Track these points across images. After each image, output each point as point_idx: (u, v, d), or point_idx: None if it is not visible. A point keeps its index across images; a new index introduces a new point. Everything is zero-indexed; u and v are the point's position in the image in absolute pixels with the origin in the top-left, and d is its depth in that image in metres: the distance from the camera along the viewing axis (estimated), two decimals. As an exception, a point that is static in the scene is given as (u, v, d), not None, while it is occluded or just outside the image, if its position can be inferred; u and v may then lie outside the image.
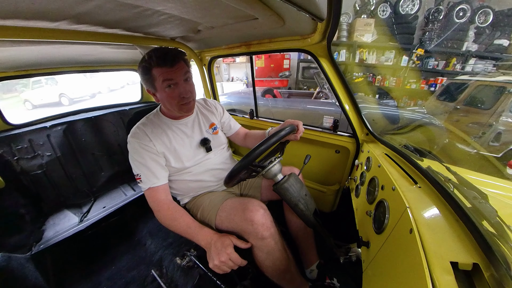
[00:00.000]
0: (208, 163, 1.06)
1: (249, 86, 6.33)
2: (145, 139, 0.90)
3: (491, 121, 2.59)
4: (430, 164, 0.73)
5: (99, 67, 1.71)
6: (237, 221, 0.84)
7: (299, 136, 0.96)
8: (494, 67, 3.92)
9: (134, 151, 0.89)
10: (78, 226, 1.41)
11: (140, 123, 0.95)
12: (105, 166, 1.83)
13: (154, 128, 0.94)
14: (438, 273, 0.38)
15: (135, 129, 0.93)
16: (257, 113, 1.78)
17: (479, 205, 0.48)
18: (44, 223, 1.47)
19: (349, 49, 4.68)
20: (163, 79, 0.83)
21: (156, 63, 0.81)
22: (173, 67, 0.83)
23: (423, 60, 4.46)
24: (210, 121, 1.13)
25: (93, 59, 1.49)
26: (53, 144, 1.53)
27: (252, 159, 0.73)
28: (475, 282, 0.39)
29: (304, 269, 1.14)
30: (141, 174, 0.88)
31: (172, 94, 0.86)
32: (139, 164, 0.89)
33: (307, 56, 1.13)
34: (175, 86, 0.85)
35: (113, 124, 1.83)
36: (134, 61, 1.82)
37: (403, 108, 4.01)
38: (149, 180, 0.88)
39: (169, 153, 0.94)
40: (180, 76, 0.85)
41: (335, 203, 1.47)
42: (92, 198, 1.72)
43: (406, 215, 0.52)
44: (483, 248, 0.40)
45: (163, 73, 0.82)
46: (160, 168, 0.92)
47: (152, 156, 0.90)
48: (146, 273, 1.31)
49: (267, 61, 5.80)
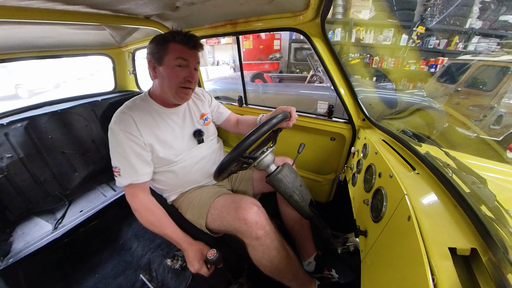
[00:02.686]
0: (198, 155, 1.06)
1: (236, 70, 6.21)
2: (132, 127, 0.86)
3: (492, 103, 2.69)
4: (429, 149, 0.75)
5: (61, 52, 1.61)
6: (230, 220, 0.85)
7: (292, 124, 0.96)
8: (498, 46, 3.95)
9: (116, 141, 0.85)
10: (52, 235, 1.38)
11: (126, 107, 0.91)
12: (79, 165, 1.77)
13: (143, 115, 0.91)
14: (437, 259, 0.40)
15: (120, 114, 0.88)
16: (246, 100, 1.76)
17: (478, 190, 0.51)
18: (11, 234, 1.42)
19: (344, 28, 4.65)
20: (178, 56, 0.85)
21: (179, 39, 0.85)
22: (192, 50, 0.88)
23: (424, 39, 4.49)
24: (201, 111, 1.12)
25: (53, 42, 1.39)
26: (13, 143, 1.45)
27: (242, 150, 0.72)
28: (473, 267, 0.41)
29: (302, 261, 1.18)
30: (121, 167, 0.86)
31: (179, 74, 0.87)
32: (119, 157, 0.86)
33: (300, 36, 1.11)
34: (185, 68, 0.88)
35: (83, 117, 1.76)
36: (103, 44, 1.72)
37: (401, 91, 4.09)
38: (130, 176, 0.86)
39: (159, 144, 0.92)
40: (194, 61, 0.90)
41: (331, 193, 1.51)
42: (66, 202, 1.67)
43: (404, 202, 0.54)
44: (481, 233, 0.43)
45: (181, 50, 0.85)
46: (144, 164, 0.90)
47: (136, 149, 0.87)
48: (134, 279, 1.32)
49: (256, 42, 5.66)
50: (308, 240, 1.18)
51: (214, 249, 0.85)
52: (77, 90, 7.24)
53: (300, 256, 1.18)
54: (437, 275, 0.37)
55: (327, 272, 1.11)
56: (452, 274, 0.38)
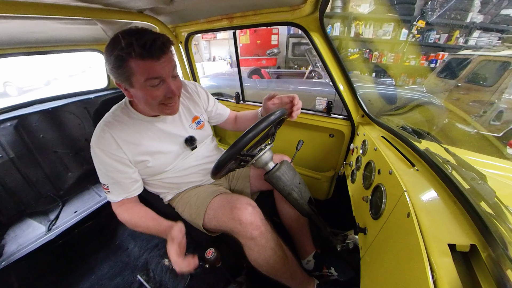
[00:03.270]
0: (191, 159, 1.04)
1: (233, 66, 6.18)
2: (112, 146, 0.81)
3: (493, 99, 2.71)
4: (429, 145, 0.76)
5: (51, 48, 1.57)
6: (225, 220, 0.86)
7: (296, 115, 0.94)
8: (499, 40, 3.97)
9: (99, 160, 0.83)
10: (46, 236, 1.37)
11: (104, 124, 0.83)
12: (72, 165, 1.75)
13: (124, 130, 0.84)
14: (436, 256, 0.40)
15: (99, 133, 0.82)
16: (243, 97, 1.76)
17: (478, 186, 0.51)
18: (3, 236, 1.41)
19: (343, 22, 4.64)
20: (148, 77, 0.69)
21: (137, 53, 0.65)
22: (160, 59, 0.69)
23: (424, 33, 4.50)
24: (193, 114, 1.04)
25: (42, 38, 1.36)
26: (3, 143, 1.43)
27: (240, 148, 0.72)
28: (472, 263, 0.42)
29: (301, 260, 1.19)
30: (109, 185, 0.85)
31: (155, 94, 0.74)
32: (105, 176, 0.85)
33: (298, 31, 1.10)
34: (161, 85, 0.73)
35: (76, 116, 1.73)
36: (95, 39, 1.69)
37: (401, 87, 4.10)
38: (119, 194, 0.87)
39: (146, 156, 0.89)
40: (168, 72, 0.73)
41: (330, 190, 1.52)
42: (60, 202, 1.66)
43: (404, 199, 0.55)
44: (481, 229, 0.43)
45: (147, 68, 0.68)
46: (132, 181, 0.89)
47: (120, 168, 0.84)
48: (132, 279, 1.32)
49: (253, 37, 5.63)
50: (306, 238, 1.19)
51: (212, 248, 0.85)
52: (68, 88, 7.17)
53: (299, 254, 1.19)
54: (437, 271, 0.38)
55: (326, 270, 1.12)
56: (452, 271, 0.39)
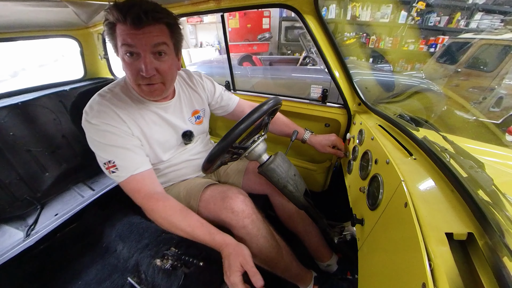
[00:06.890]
0: (185, 153, 1.05)
1: (222, 52, 6.06)
2: (116, 120, 0.78)
3: (493, 84, 2.77)
4: (427, 134, 0.78)
5: (15, 34, 1.50)
6: (217, 210, 0.88)
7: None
8: (501, 23, 4.00)
9: (100, 134, 0.76)
10: (24, 243, 1.34)
11: (103, 98, 0.80)
12: (49, 164, 1.70)
13: (126, 106, 0.82)
14: (433, 244, 0.42)
15: (97, 107, 0.77)
16: (234, 86, 1.74)
17: (475, 174, 0.53)
18: None
19: (339, 4, 4.61)
20: (122, 43, 0.69)
21: (117, 16, 0.66)
22: (138, 29, 0.66)
23: (424, 15, 4.52)
24: (194, 107, 1.05)
25: (4, 22, 1.28)
26: None
27: (232, 140, 0.72)
28: (469, 251, 0.44)
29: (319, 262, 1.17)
30: (116, 159, 0.76)
31: (131, 66, 0.72)
32: (110, 148, 0.77)
33: (291, 13, 1.09)
34: (136, 56, 0.71)
35: (50, 110, 1.67)
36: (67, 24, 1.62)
37: (399, 73, 4.15)
38: (130, 165, 0.78)
39: (144, 141, 0.88)
40: (147, 46, 0.69)
41: (326, 182, 1.55)
42: (38, 205, 1.62)
43: (401, 188, 0.56)
44: (478, 217, 0.45)
45: (124, 34, 0.68)
46: (141, 151, 0.85)
47: (127, 139, 0.80)
48: (122, 282, 1.31)
49: (243, 21, 5.50)
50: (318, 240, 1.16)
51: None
52: (39, 79, 6.87)
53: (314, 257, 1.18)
54: (434, 260, 0.40)
55: (351, 276, 1.09)
56: (449, 259, 0.41)
